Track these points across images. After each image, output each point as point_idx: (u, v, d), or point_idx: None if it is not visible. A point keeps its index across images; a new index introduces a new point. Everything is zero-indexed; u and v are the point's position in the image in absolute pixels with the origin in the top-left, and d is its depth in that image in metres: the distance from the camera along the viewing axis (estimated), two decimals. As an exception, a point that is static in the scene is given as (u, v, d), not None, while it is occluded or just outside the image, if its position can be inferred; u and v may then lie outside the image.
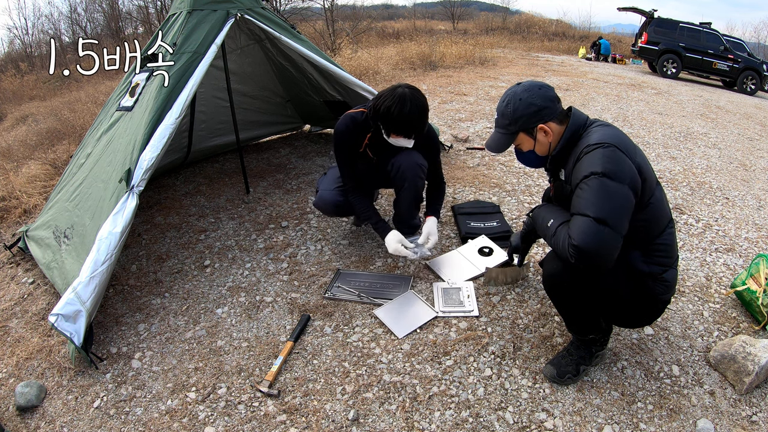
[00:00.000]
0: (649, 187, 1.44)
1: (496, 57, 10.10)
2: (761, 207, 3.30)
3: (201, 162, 3.98)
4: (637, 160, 1.40)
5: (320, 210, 2.46)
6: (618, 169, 1.33)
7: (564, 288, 1.53)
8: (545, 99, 1.49)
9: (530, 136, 1.54)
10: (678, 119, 5.73)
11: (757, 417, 1.61)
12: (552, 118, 1.50)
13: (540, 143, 1.54)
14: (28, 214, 3.32)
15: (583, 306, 1.55)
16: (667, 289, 1.54)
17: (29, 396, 1.71)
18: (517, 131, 1.53)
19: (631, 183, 1.35)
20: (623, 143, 1.40)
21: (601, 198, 1.31)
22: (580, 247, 1.29)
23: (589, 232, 1.28)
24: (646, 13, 11.58)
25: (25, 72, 13.29)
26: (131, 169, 2.06)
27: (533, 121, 1.50)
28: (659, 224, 1.49)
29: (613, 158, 1.35)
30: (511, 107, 1.51)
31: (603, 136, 1.40)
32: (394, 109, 1.98)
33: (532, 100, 1.48)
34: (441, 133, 4.39)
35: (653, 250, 1.50)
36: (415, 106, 2.00)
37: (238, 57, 3.62)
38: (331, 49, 11.40)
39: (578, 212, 1.34)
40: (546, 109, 1.49)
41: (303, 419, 1.61)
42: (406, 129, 2.05)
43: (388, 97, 2.02)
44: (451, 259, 2.42)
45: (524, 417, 1.60)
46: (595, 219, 1.29)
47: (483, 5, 26.79)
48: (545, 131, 1.51)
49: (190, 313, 2.15)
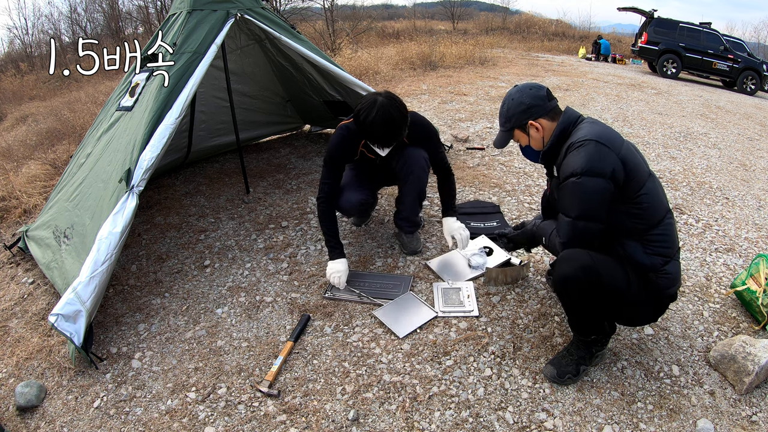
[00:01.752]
0: (638, 178, 1.52)
1: (496, 57, 10.10)
2: (761, 207, 3.30)
3: (201, 162, 3.98)
4: (622, 153, 1.50)
5: (343, 211, 2.41)
6: (598, 164, 1.46)
7: (574, 289, 1.54)
8: (534, 98, 1.63)
9: (524, 132, 1.69)
10: (678, 119, 5.73)
11: (757, 417, 1.61)
12: (542, 115, 1.64)
13: (533, 138, 1.69)
14: (28, 214, 3.32)
15: (593, 307, 1.57)
16: (672, 282, 1.57)
17: (29, 396, 1.71)
18: (512, 128, 1.70)
19: (612, 175, 1.46)
20: (606, 137, 1.50)
21: (582, 198, 1.49)
22: (567, 244, 1.57)
23: (572, 231, 1.54)
24: (646, 13, 11.58)
25: (25, 72, 13.29)
26: (131, 169, 2.06)
27: (524, 118, 1.65)
28: (655, 215, 1.54)
29: (594, 154, 1.47)
30: (506, 107, 1.69)
31: (587, 132, 1.52)
32: (362, 115, 1.99)
33: (522, 99, 1.64)
34: (441, 133, 4.39)
35: (651, 240, 1.54)
36: (382, 117, 1.95)
37: (238, 57, 3.62)
38: (331, 49, 11.40)
39: (563, 212, 1.58)
40: (535, 107, 1.63)
41: (303, 419, 1.61)
42: (370, 137, 2.04)
43: (363, 102, 2.02)
44: (451, 259, 2.42)
45: (524, 417, 1.60)
46: (577, 218, 1.52)
47: (483, 5, 26.80)
48: (536, 127, 1.65)
49: (190, 313, 2.15)
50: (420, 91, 6.40)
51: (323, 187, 2.23)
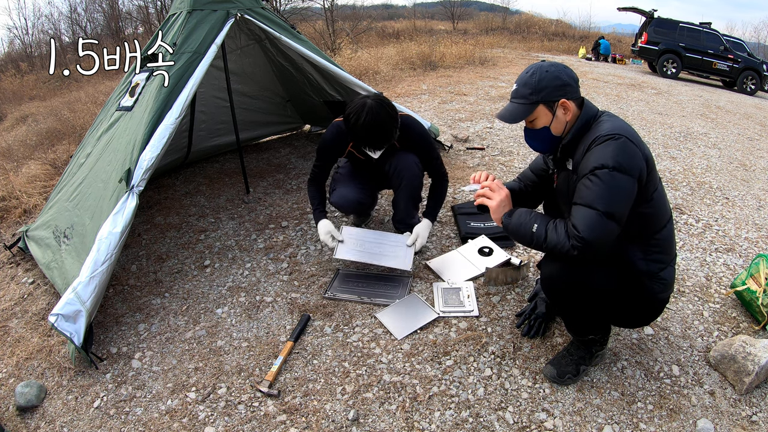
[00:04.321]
0: (654, 179, 1.46)
1: (496, 57, 10.10)
2: (761, 207, 3.29)
3: (201, 162, 3.98)
4: (645, 152, 1.42)
5: (339, 208, 2.46)
6: (629, 162, 1.35)
7: (562, 288, 1.52)
8: (570, 77, 1.49)
9: (550, 110, 1.49)
10: (678, 119, 5.73)
11: (757, 417, 1.61)
12: (573, 98, 1.49)
13: (558, 120, 1.50)
14: (28, 214, 3.32)
15: (581, 306, 1.55)
16: (665, 287, 1.54)
17: (29, 396, 1.71)
18: (538, 101, 1.48)
19: (639, 175, 1.37)
20: (633, 135, 1.41)
21: (612, 192, 1.33)
22: (587, 240, 1.31)
23: (597, 226, 1.32)
24: (646, 13, 11.58)
25: (25, 72, 13.30)
26: (131, 169, 2.06)
27: (557, 94, 1.47)
28: (661, 219, 1.50)
29: (625, 150, 1.36)
30: (537, 77, 1.47)
31: (614, 127, 1.41)
32: (352, 118, 2.00)
33: (559, 74, 1.47)
34: (441, 133, 4.39)
35: (652, 245, 1.50)
36: (370, 120, 1.96)
37: (238, 57, 3.62)
38: (331, 49, 11.40)
39: (585, 203, 1.35)
40: (570, 87, 1.48)
41: (303, 419, 1.61)
42: (359, 140, 2.06)
43: (353, 105, 2.02)
44: (451, 259, 2.42)
45: (524, 417, 1.60)
46: (604, 213, 1.32)
47: (483, 5, 26.81)
48: (566, 108, 1.48)
49: (190, 313, 2.15)
50: (420, 91, 6.40)
51: (312, 171, 2.37)
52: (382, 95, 2.12)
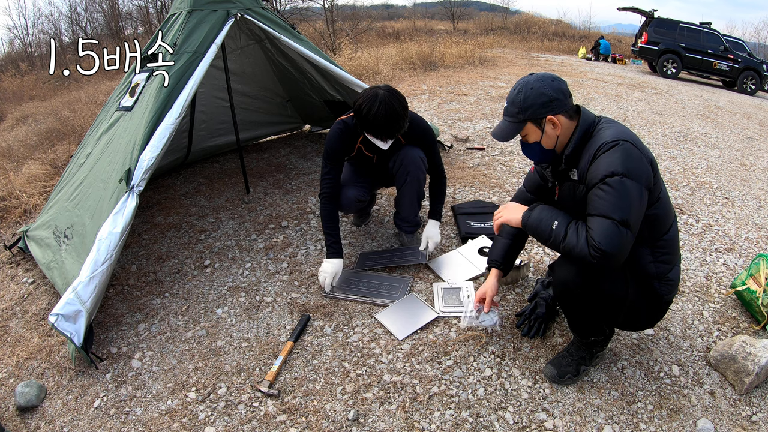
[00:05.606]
0: (659, 181, 1.45)
1: (496, 57, 10.10)
2: (761, 207, 3.29)
3: (201, 162, 3.98)
4: (648, 156, 1.41)
5: (338, 207, 2.39)
6: (636, 168, 1.35)
7: (577, 294, 1.52)
8: (557, 91, 1.47)
9: (538, 126, 1.50)
10: (678, 119, 5.73)
11: (757, 417, 1.61)
12: (561, 111, 1.48)
13: (547, 135, 1.50)
14: (28, 214, 3.32)
15: (592, 311, 1.55)
16: (672, 288, 1.56)
17: (29, 396, 1.71)
18: (526, 120, 1.49)
19: (646, 181, 1.37)
20: (636, 140, 1.41)
21: (624, 200, 1.32)
22: (605, 251, 1.30)
23: (613, 236, 1.30)
24: (646, 13, 11.58)
25: (25, 72, 13.27)
26: (131, 169, 2.06)
27: (543, 111, 1.47)
28: (667, 220, 1.51)
29: (632, 156, 1.35)
30: (522, 95, 1.48)
31: (617, 132, 1.40)
32: (364, 108, 1.98)
33: (544, 90, 1.46)
34: (441, 133, 4.39)
35: (660, 246, 1.50)
36: (385, 109, 1.96)
37: (238, 57, 3.62)
38: (331, 49, 11.39)
39: (600, 214, 1.34)
40: (556, 101, 1.46)
41: (303, 419, 1.61)
42: (373, 130, 2.04)
43: (364, 96, 2.02)
44: (451, 259, 2.42)
45: (524, 417, 1.60)
46: (619, 222, 1.30)
47: (483, 5, 26.83)
48: (554, 123, 1.48)
49: (190, 313, 2.15)
50: (420, 91, 6.40)
51: (325, 182, 2.23)
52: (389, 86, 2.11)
